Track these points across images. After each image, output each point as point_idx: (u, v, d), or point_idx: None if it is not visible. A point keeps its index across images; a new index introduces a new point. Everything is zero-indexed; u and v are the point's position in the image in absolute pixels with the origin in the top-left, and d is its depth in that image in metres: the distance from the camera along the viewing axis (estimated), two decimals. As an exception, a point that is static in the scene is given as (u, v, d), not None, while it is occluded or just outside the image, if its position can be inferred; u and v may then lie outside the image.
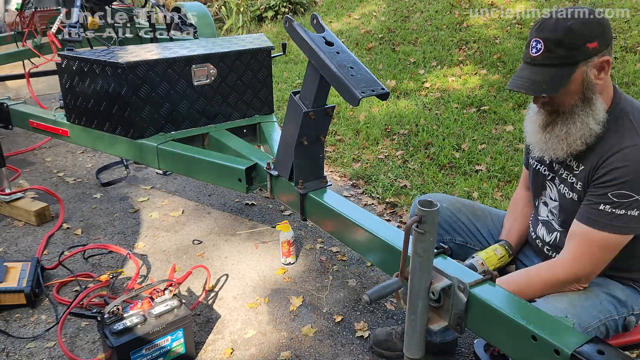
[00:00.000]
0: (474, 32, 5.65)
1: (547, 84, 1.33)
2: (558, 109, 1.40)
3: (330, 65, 1.50)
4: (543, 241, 1.61)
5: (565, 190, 1.49)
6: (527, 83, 1.36)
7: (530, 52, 1.36)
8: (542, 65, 1.34)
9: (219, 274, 2.52)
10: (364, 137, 4.09)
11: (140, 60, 2.21)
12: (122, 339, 1.76)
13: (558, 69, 1.33)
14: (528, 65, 1.37)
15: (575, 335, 1.08)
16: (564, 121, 1.39)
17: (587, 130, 1.37)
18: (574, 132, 1.38)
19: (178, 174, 2.89)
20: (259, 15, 7.95)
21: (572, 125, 1.38)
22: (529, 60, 1.37)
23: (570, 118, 1.38)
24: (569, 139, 1.39)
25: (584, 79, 1.34)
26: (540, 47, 1.33)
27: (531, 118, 1.50)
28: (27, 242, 2.77)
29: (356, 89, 1.45)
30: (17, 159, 3.83)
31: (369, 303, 1.14)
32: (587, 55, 1.32)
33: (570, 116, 1.38)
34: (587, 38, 1.30)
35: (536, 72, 1.35)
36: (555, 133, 1.41)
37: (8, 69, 4.58)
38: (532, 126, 1.49)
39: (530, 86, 1.35)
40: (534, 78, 1.35)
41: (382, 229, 1.49)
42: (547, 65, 1.34)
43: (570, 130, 1.38)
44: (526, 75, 1.37)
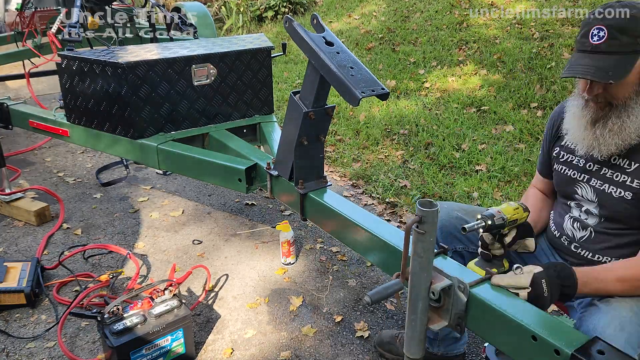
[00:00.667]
0: (474, 32, 5.65)
1: (612, 71, 1.30)
2: (611, 102, 1.37)
3: (330, 65, 1.50)
4: (571, 238, 1.57)
5: (612, 189, 1.45)
6: (592, 70, 1.31)
7: (590, 40, 1.33)
8: (605, 52, 1.31)
9: (219, 274, 2.53)
10: (364, 137, 4.09)
11: (140, 60, 2.21)
12: (122, 339, 1.76)
13: (621, 57, 1.30)
14: (587, 54, 1.34)
15: (575, 335, 1.08)
16: (618, 115, 1.36)
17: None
18: (629, 125, 1.35)
19: (178, 174, 2.89)
20: (259, 15, 7.95)
21: (627, 119, 1.35)
22: (590, 49, 1.33)
23: (624, 111, 1.35)
24: (623, 133, 1.36)
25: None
26: (603, 34, 1.31)
27: (575, 114, 1.45)
28: (27, 242, 2.77)
29: (356, 89, 1.45)
30: (17, 159, 3.83)
31: (370, 304, 1.14)
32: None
33: (624, 109, 1.35)
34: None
35: (599, 60, 1.31)
36: (608, 127, 1.37)
37: (8, 69, 4.58)
38: (578, 122, 1.44)
39: (595, 73, 1.31)
40: (599, 65, 1.31)
41: (382, 229, 1.49)
42: (609, 53, 1.31)
43: (625, 123, 1.35)
44: (587, 63, 1.33)
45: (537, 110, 4.12)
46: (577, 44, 1.38)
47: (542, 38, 5.21)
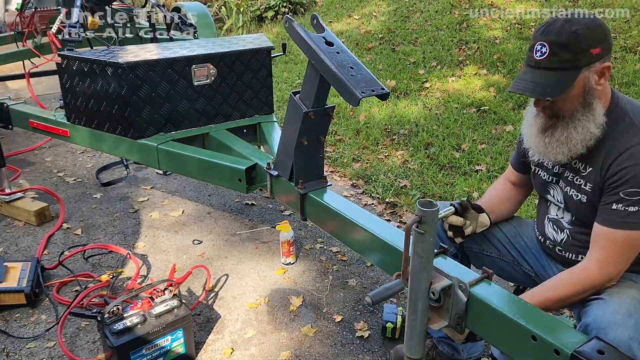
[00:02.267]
0: (474, 32, 5.65)
1: (551, 87, 1.33)
2: (558, 113, 1.41)
3: (330, 65, 1.50)
4: (554, 242, 1.60)
5: (573, 192, 1.50)
6: (532, 86, 1.36)
7: (534, 56, 1.36)
8: (547, 68, 1.34)
9: (219, 274, 2.53)
10: (364, 137, 4.09)
11: (140, 60, 2.21)
12: (122, 339, 1.76)
13: (562, 73, 1.33)
14: (532, 69, 1.37)
15: (575, 335, 1.08)
16: (565, 126, 1.40)
17: (587, 135, 1.38)
18: (575, 136, 1.39)
19: (178, 174, 2.89)
20: (259, 15, 7.95)
21: (573, 130, 1.39)
22: (533, 64, 1.37)
23: (571, 122, 1.39)
24: (570, 143, 1.40)
25: (585, 84, 1.35)
26: (545, 50, 1.33)
27: (529, 122, 1.50)
28: (27, 242, 2.77)
29: (356, 89, 1.45)
30: (17, 159, 3.83)
31: (371, 305, 1.14)
32: (591, 61, 1.32)
33: (571, 121, 1.39)
34: (591, 43, 1.31)
35: (540, 75, 1.35)
36: (556, 137, 1.42)
37: (8, 69, 4.58)
38: (530, 129, 1.49)
39: (534, 89, 1.35)
40: (538, 81, 1.35)
41: (382, 229, 1.49)
42: (551, 69, 1.34)
43: (571, 134, 1.39)
44: (530, 79, 1.37)
45: (537, 110, 4.11)
46: (526, 57, 1.42)
47: (542, 38, 5.21)
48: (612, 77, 4.38)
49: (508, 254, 1.74)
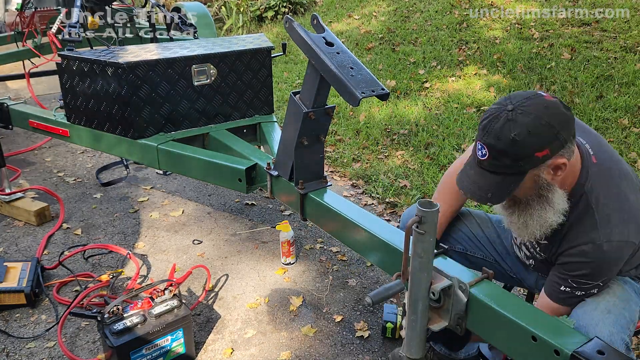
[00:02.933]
0: (474, 32, 5.65)
1: (492, 192, 1.27)
2: (514, 199, 1.36)
3: (330, 65, 1.50)
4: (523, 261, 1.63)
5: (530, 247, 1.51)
6: (474, 187, 1.30)
7: (477, 154, 1.28)
8: (489, 171, 1.27)
9: (219, 274, 2.53)
10: (364, 137, 4.09)
11: (140, 60, 2.21)
12: (122, 339, 1.76)
13: (504, 177, 1.25)
14: (474, 165, 1.31)
15: (575, 335, 1.08)
16: (521, 212, 1.35)
17: (545, 223, 1.32)
18: (532, 224, 1.34)
19: (178, 174, 2.89)
20: (259, 15, 7.95)
21: (529, 218, 1.34)
22: (476, 161, 1.29)
23: (527, 210, 1.34)
24: (528, 229, 1.36)
25: (536, 181, 1.27)
26: (485, 152, 1.24)
27: None
28: (27, 242, 2.77)
29: (356, 89, 1.45)
30: (17, 159, 3.83)
31: (371, 305, 1.15)
32: (537, 163, 1.22)
33: (527, 209, 1.34)
34: (535, 148, 1.20)
35: (483, 176, 1.28)
36: (514, 221, 1.38)
37: (8, 69, 4.58)
38: None
39: (475, 192, 1.29)
40: (480, 183, 1.28)
41: (382, 229, 1.49)
42: (493, 172, 1.26)
43: (528, 222, 1.35)
44: (473, 177, 1.30)
45: (537, 110, 4.11)
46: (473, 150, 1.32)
47: (542, 38, 5.21)
48: (612, 77, 4.38)
49: (490, 255, 1.75)
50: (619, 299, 1.33)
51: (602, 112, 4.00)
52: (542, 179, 1.26)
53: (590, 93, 4.24)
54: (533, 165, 1.23)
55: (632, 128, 3.77)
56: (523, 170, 1.23)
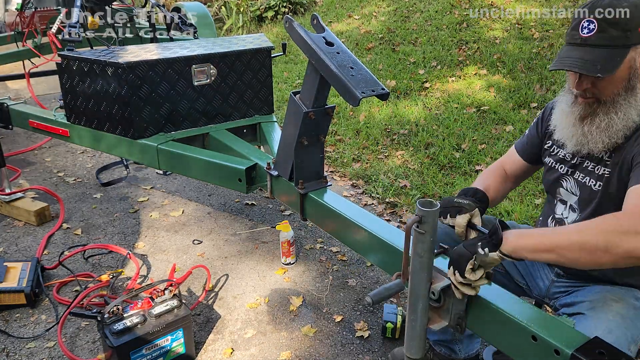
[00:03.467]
0: (474, 32, 5.65)
1: (601, 64, 1.26)
2: (599, 98, 1.34)
3: (330, 65, 1.50)
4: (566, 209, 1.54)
5: (592, 182, 1.43)
6: (580, 62, 1.29)
7: (580, 33, 1.30)
8: (595, 45, 1.28)
9: (219, 274, 2.53)
10: (364, 137, 4.09)
11: (140, 60, 2.21)
12: (122, 339, 1.76)
13: (611, 50, 1.27)
14: (576, 47, 1.31)
15: (575, 335, 1.08)
16: (606, 111, 1.33)
17: (629, 122, 1.31)
18: (617, 122, 1.31)
19: (178, 174, 2.89)
20: (259, 15, 7.95)
21: (615, 115, 1.32)
22: (579, 41, 1.30)
23: (612, 108, 1.32)
24: (610, 130, 1.32)
25: (631, 65, 1.29)
26: (593, 27, 1.28)
27: (564, 110, 1.43)
28: (27, 242, 2.77)
29: (356, 89, 1.45)
30: (17, 159, 3.83)
31: (371, 305, 1.14)
32: (638, 40, 1.27)
33: (612, 106, 1.32)
34: (638, 22, 1.26)
35: (588, 53, 1.29)
36: (596, 124, 1.34)
37: (8, 69, 4.58)
38: (566, 119, 1.41)
39: (583, 65, 1.28)
40: (587, 57, 1.28)
41: (382, 229, 1.49)
42: (599, 46, 1.28)
43: (613, 120, 1.32)
44: (576, 55, 1.30)
45: (537, 110, 4.12)
46: (567, 36, 1.35)
47: (542, 38, 5.21)
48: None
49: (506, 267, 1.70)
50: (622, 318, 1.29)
51: (602, 112, 3.99)
52: (636, 64, 1.29)
53: (590, 93, 4.24)
54: (636, 41, 1.26)
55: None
56: (628, 43, 1.26)
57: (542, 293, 1.64)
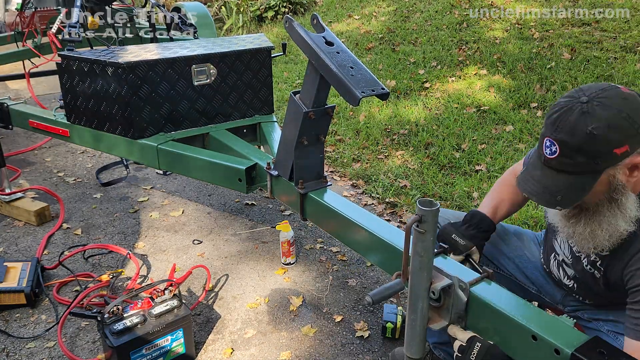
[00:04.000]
0: (474, 32, 5.65)
1: (562, 194, 1.13)
2: (582, 206, 1.21)
3: (330, 65, 1.50)
4: (559, 281, 1.52)
5: (585, 260, 1.35)
6: (540, 189, 1.16)
7: (544, 152, 1.14)
8: (558, 170, 1.13)
9: (219, 274, 2.53)
10: (364, 137, 4.09)
11: (140, 60, 2.21)
12: (122, 339, 1.76)
13: (577, 177, 1.12)
14: (541, 164, 1.17)
15: (575, 335, 1.08)
16: (588, 220, 1.20)
17: (615, 231, 1.18)
18: (600, 233, 1.20)
19: (178, 174, 2.89)
20: (259, 15, 7.95)
21: (597, 226, 1.19)
22: (543, 160, 1.16)
23: (596, 218, 1.19)
24: (595, 240, 1.21)
25: (610, 182, 1.14)
26: (555, 149, 1.11)
27: None
28: (27, 242, 2.77)
29: (356, 89, 1.45)
30: (17, 159, 3.83)
31: (372, 304, 1.14)
32: (615, 161, 1.10)
33: (595, 216, 1.19)
34: (614, 144, 1.07)
35: (550, 177, 1.15)
36: (579, 231, 1.23)
37: (8, 69, 4.58)
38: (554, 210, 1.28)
39: (542, 195, 1.16)
40: (547, 184, 1.15)
41: (382, 229, 1.49)
42: (563, 172, 1.13)
43: (595, 231, 1.20)
44: (539, 178, 1.17)
45: (537, 110, 4.12)
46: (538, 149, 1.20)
47: (542, 38, 5.21)
48: (612, 77, 4.38)
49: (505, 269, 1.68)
50: None
51: (602, 112, 3.99)
52: (617, 180, 1.13)
53: (590, 93, 4.23)
54: (610, 164, 1.10)
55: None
56: (599, 169, 1.10)
57: (557, 300, 1.59)
